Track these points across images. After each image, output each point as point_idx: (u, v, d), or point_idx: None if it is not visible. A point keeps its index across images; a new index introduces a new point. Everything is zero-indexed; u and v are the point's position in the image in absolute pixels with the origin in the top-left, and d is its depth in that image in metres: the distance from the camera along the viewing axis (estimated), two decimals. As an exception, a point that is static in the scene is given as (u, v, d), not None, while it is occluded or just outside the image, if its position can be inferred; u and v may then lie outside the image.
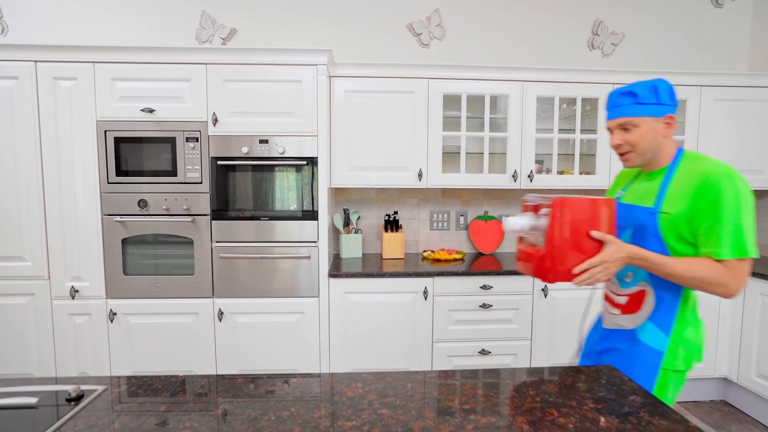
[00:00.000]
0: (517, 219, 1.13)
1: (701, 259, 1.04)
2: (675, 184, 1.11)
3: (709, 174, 1.04)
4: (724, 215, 1.01)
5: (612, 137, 1.19)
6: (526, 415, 0.83)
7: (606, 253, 1.06)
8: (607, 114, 1.20)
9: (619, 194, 1.29)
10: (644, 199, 1.18)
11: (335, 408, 0.85)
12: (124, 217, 2.15)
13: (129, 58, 2.09)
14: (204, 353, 2.22)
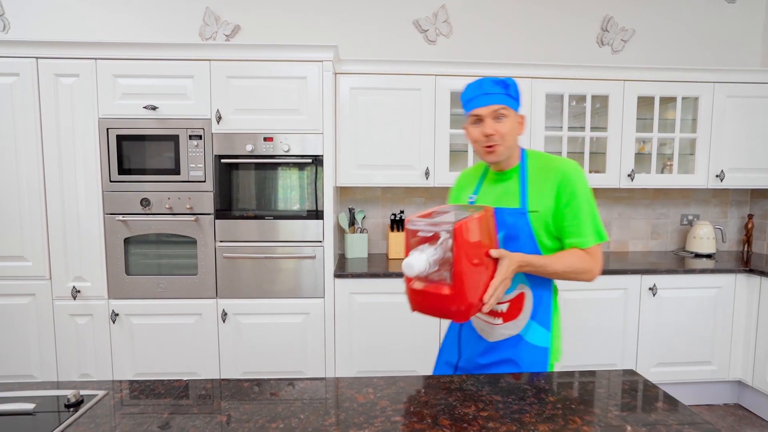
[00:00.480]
0: (418, 259, 0.90)
1: (571, 252, 1.11)
2: (532, 182, 1.14)
3: (563, 169, 1.12)
4: (582, 206, 1.10)
5: (483, 125, 1.10)
6: (548, 423, 0.79)
7: (503, 269, 0.99)
8: (475, 101, 1.11)
9: (472, 198, 1.21)
10: (505, 201, 1.15)
11: (347, 415, 0.81)
12: (126, 216, 2.11)
13: (131, 54, 2.06)
14: (207, 355, 2.18)
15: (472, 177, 1.29)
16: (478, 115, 1.11)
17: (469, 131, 1.16)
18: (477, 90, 1.11)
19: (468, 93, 1.14)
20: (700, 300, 2.35)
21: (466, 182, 1.29)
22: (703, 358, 2.38)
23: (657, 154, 2.56)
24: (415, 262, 0.89)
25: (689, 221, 2.90)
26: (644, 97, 2.51)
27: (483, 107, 1.10)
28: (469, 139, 1.16)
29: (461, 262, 0.91)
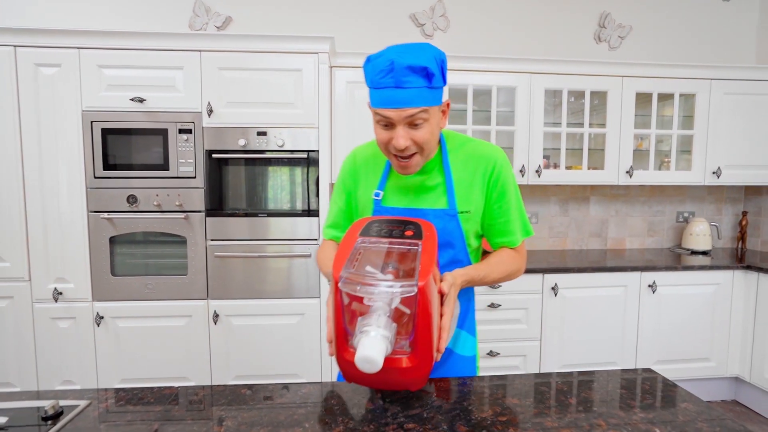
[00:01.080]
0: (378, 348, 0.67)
1: (504, 255, 0.98)
2: (459, 176, 0.95)
3: (491, 159, 0.96)
4: (512, 203, 0.98)
5: (395, 133, 0.84)
6: (570, 428, 0.73)
7: (452, 302, 0.81)
8: (384, 97, 0.81)
9: (378, 194, 0.97)
10: (426, 200, 0.95)
11: (355, 423, 0.74)
12: (111, 213, 2.02)
13: (117, 43, 1.96)
14: (198, 358, 2.10)
15: (373, 163, 1.00)
16: (387, 117, 0.83)
17: (375, 128, 0.88)
18: (386, 77, 0.80)
19: (372, 74, 0.83)
20: (699, 297, 2.33)
21: (366, 169, 1.01)
22: (702, 355, 2.37)
23: (655, 151, 2.54)
24: (377, 356, 0.65)
25: (685, 218, 2.90)
26: (642, 94, 2.49)
27: (394, 110, 0.82)
28: (377, 138, 0.89)
29: (428, 325, 0.71)
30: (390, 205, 0.98)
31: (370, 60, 0.84)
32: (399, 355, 0.73)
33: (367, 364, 0.66)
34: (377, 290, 0.69)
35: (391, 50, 0.82)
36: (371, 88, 0.85)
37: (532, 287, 2.23)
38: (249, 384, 0.89)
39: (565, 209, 2.82)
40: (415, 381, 0.76)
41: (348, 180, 1.04)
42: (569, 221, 2.83)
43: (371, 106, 0.86)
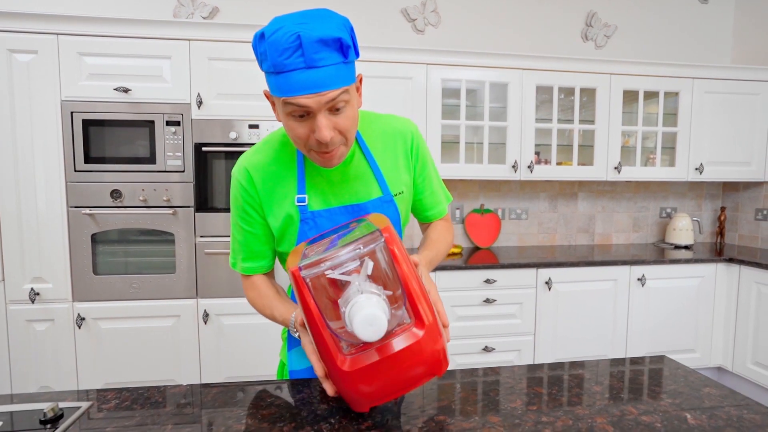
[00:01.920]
0: (376, 306, 0.57)
1: (437, 226, 0.97)
2: (381, 158, 0.86)
3: (404, 134, 0.88)
4: (432, 173, 0.94)
5: (315, 124, 0.69)
6: (602, 415, 0.72)
7: (429, 279, 0.77)
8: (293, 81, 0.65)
9: (302, 199, 0.82)
10: (358, 192, 0.84)
11: (383, 417, 0.71)
12: (93, 209, 1.91)
13: (100, 30, 1.86)
14: (187, 360, 2.01)
15: (279, 167, 0.83)
16: (303, 106, 0.67)
17: (288, 125, 0.72)
18: (293, 56, 0.64)
19: (273, 54, 0.64)
20: (684, 290, 2.40)
21: (275, 176, 0.83)
22: (687, 346, 2.44)
23: (641, 148, 2.60)
24: (378, 311, 0.56)
25: (668, 214, 2.99)
26: (629, 92, 2.55)
27: (311, 96, 0.66)
28: (288, 133, 0.73)
29: (416, 278, 0.63)
30: (320, 208, 0.83)
31: (266, 36, 0.65)
32: (404, 330, 0.62)
33: (371, 326, 0.55)
34: (342, 252, 0.60)
35: (288, 21, 0.64)
36: (273, 73, 0.66)
37: (526, 282, 2.24)
38: (264, 381, 0.85)
39: (554, 205, 2.85)
40: (435, 359, 0.63)
41: (249, 202, 0.83)
42: (558, 217, 2.87)
43: (275, 95, 0.69)
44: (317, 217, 0.83)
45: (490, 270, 2.20)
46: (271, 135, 0.87)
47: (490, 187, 2.77)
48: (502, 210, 2.79)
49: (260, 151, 0.84)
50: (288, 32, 0.63)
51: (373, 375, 0.61)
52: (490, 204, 2.78)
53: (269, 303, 0.85)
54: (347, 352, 0.63)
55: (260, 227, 0.86)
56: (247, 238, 0.87)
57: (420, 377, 0.63)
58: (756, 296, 2.29)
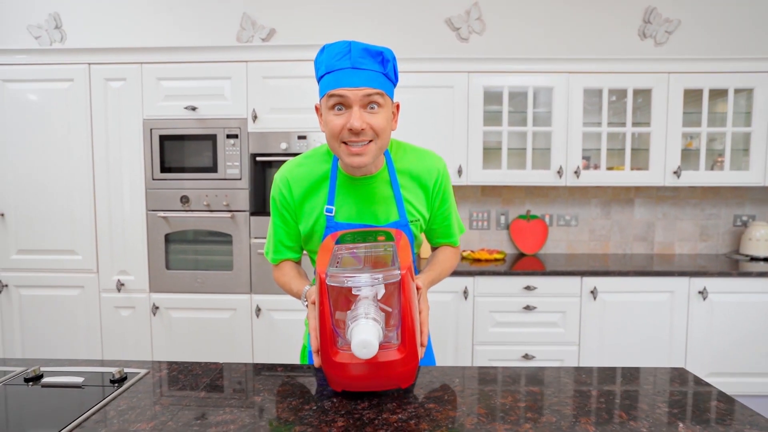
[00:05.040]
0: (372, 331, 0.68)
1: (447, 253, 1.08)
2: (405, 186, 0.97)
3: (431, 171, 0.98)
4: (452, 208, 1.05)
5: (350, 114, 0.82)
6: (589, 416, 0.74)
7: (425, 299, 0.90)
8: (341, 76, 0.80)
9: (329, 210, 0.94)
10: (377, 213, 0.95)
11: (380, 400, 0.79)
12: (167, 212, 2.20)
13: (174, 57, 2.15)
14: (241, 349, 2.23)
15: (315, 179, 0.96)
16: (343, 96, 0.81)
17: (327, 120, 0.84)
18: (343, 59, 0.80)
19: (328, 59, 0.82)
20: (759, 306, 2.17)
21: (309, 187, 0.96)
22: (763, 369, 2.20)
23: (706, 150, 2.41)
24: (373, 338, 0.67)
25: (743, 222, 2.71)
26: (691, 90, 2.37)
27: (351, 89, 0.80)
28: (326, 129, 0.86)
29: (412, 312, 0.75)
30: (343, 221, 0.95)
31: (325, 48, 0.84)
32: (388, 349, 0.76)
33: (364, 349, 0.67)
34: (363, 277, 0.72)
35: (342, 41, 0.84)
36: (325, 74, 0.83)
37: (569, 290, 2.18)
38: (279, 363, 0.97)
39: (607, 212, 2.72)
40: (405, 375, 0.78)
41: (285, 206, 0.97)
42: (611, 224, 2.73)
43: (323, 95, 0.84)
44: (340, 228, 0.95)
45: (530, 276, 2.18)
46: (313, 151, 1.01)
47: (536, 192, 2.72)
48: (550, 216, 2.72)
49: (302, 165, 0.98)
50: (341, 43, 0.82)
51: (353, 372, 0.76)
52: (536, 210, 2.73)
53: (289, 280, 1.02)
54: (340, 346, 0.76)
55: (292, 228, 1.01)
56: (281, 236, 1.03)
57: (388, 385, 0.79)
58: None
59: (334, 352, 0.75)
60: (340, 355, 0.75)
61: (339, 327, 0.75)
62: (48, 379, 0.85)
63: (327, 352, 0.75)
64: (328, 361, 0.76)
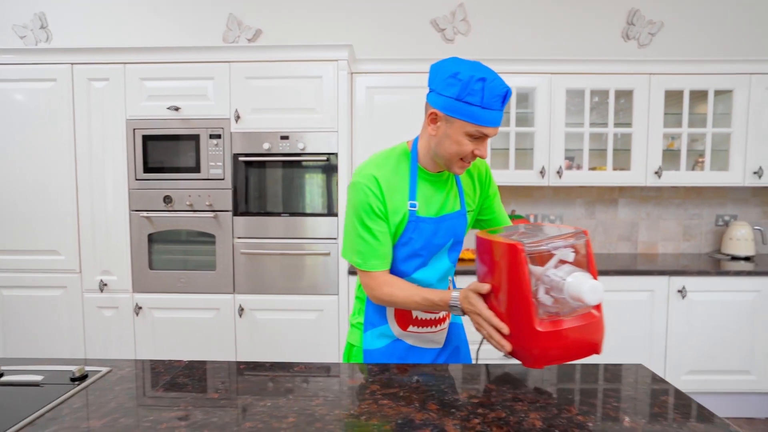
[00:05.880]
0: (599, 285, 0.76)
1: None
2: (462, 179, 1.10)
3: (480, 167, 1.12)
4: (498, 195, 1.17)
5: (482, 146, 0.95)
6: (540, 412, 0.75)
7: None
8: (492, 117, 0.90)
9: (413, 205, 1.01)
10: (450, 204, 1.07)
11: (335, 396, 0.80)
12: (150, 212, 2.21)
13: (157, 58, 2.16)
14: (224, 349, 2.23)
15: (397, 175, 1.03)
16: (486, 134, 0.93)
17: (459, 141, 0.93)
18: (498, 102, 0.90)
19: (488, 95, 0.88)
20: (736, 304, 2.20)
21: (392, 182, 1.01)
22: (741, 367, 2.22)
23: (687, 151, 2.43)
24: (601, 286, 0.74)
25: (725, 222, 2.73)
26: (672, 92, 2.40)
27: (495, 129, 0.93)
28: (451, 150, 0.94)
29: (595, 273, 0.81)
30: (423, 215, 1.03)
31: (486, 80, 0.87)
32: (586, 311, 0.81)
33: (595, 294, 0.73)
34: (558, 241, 0.79)
35: (497, 76, 0.90)
36: (479, 107, 0.89)
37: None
38: (247, 361, 0.97)
39: (592, 212, 2.74)
40: (600, 339, 0.82)
41: (378, 205, 0.99)
42: (596, 224, 2.75)
43: (471, 122, 0.90)
44: (420, 221, 1.02)
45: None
46: (385, 153, 1.06)
47: (521, 192, 2.73)
48: (535, 216, 2.74)
49: (383, 165, 1.03)
50: (502, 86, 0.89)
51: (558, 338, 0.78)
52: (521, 210, 2.74)
53: (416, 292, 1.00)
54: (542, 318, 0.79)
55: (387, 227, 1.02)
56: (378, 238, 1.01)
57: (589, 350, 0.82)
58: (824, 315, 2.04)
59: (539, 322, 0.78)
60: (546, 324, 0.78)
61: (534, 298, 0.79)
62: (6, 378, 0.86)
63: (531, 325, 0.78)
64: (530, 336, 0.78)
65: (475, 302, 0.90)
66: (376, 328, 1.09)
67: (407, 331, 1.09)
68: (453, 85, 0.89)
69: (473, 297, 0.90)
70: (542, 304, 0.78)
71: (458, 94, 0.89)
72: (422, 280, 1.06)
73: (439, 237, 1.05)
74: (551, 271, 0.78)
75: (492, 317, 0.86)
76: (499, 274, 0.83)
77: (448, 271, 1.12)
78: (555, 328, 0.77)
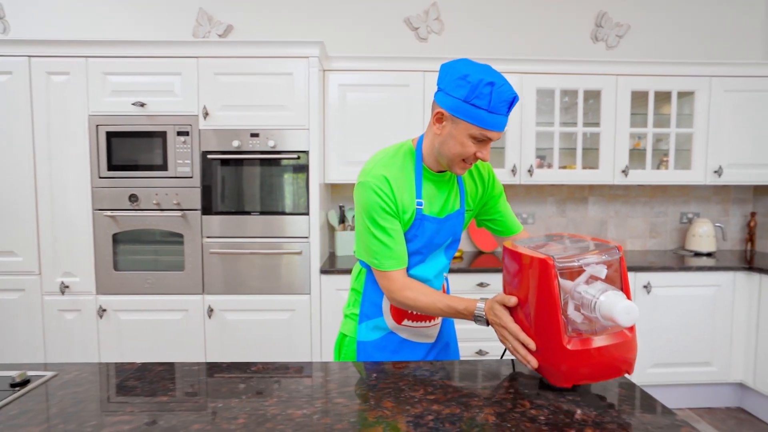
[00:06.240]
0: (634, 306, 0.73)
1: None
2: (464, 179, 1.11)
3: (483, 167, 1.12)
4: (503, 195, 1.17)
5: (484, 148, 0.95)
6: (494, 407, 0.76)
7: None
8: (498, 122, 0.91)
9: (420, 204, 1.02)
10: (448, 204, 1.08)
11: (289, 396, 0.79)
12: (115, 211, 2.13)
13: (121, 52, 2.09)
14: (193, 351, 2.18)
15: (404, 174, 1.03)
16: (490, 138, 0.93)
17: (463, 142, 0.93)
18: (505, 107, 0.90)
19: (496, 99, 0.89)
20: (698, 299, 2.27)
21: (400, 181, 1.02)
22: (702, 359, 2.30)
23: (653, 150, 2.50)
24: (636, 307, 0.71)
25: (689, 219, 2.83)
26: (638, 92, 2.46)
27: (499, 133, 0.93)
28: (454, 150, 0.95)
29: (629, 294, 0.78)
30: (428, 213, 1.05)
31: (495, 84, 0.88)
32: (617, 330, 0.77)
33: (629, 315, 0.69)
34: (591, 257, 0.75)
35: (506, 82, 0.90)
36: (485, 110, 0.89)
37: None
38: (200, 362, 0.95)
39: (563, 210, 2.80)
40: (632, 359, 0.78)
41: (389, 204, 0.99)
42: (567, 222, 2.80)
43: (477, 125, 0.91)
44: (425, 220, 1.04)
45: (483, 274, 2.21)
46: (391, 151, 1.05)
47: (494, 191, 2.76)
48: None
49: (390, 164, 1.03)
50: (510, 92, 0.90)
51: (589, 357, 0.75)
52: (494, 208, 2.77)
53: (440, 299, 0.99)
54: (571, 335, 0.76)
55: (399, 226, 1.02)
56: (392, 236, 1.00)
57: (619, 370, 0.78)
58: (778, 308, 2.13)
59: (568, 340, 0.75)
60: (576, 342, 0.75)
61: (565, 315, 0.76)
62: (-59, 384, 0.81)
63: (560, 342, 0.74)
64: (561, 352, 0.75)
65: (501, 314, 0.88)
66: (371, 320, 1.11)
67: (401, 325, 1.10)
68: (462, 86, 0.89)
69: (499, 309, 0.89)
70: (571, 321, 0.76)
71: (466, 96, 0.89)
72: (419, 276, 1.08)
73: (440, 236, 1.07)
74: (582, 288, 0.75)
75: (518, 331, 0.84)
76: (527, 288, 0.79)
77: (444, 269, 1.14)
78: (585, 347, 0.74)
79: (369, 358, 1.09)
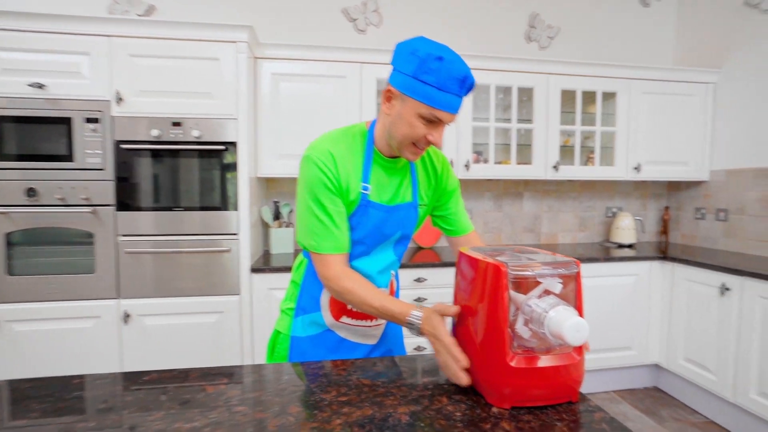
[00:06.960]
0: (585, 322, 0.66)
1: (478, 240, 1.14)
2: (418, 171, 1.04)
3: (441, 161, 1.08)
4: (458, 192, 1.13)
5: (437, 131, 0.88)
6: (410, 406, 0.71)
7: None
8: (450, 102, 0.84)
9: (366, 189, 0.95)
10: (398, 194, 1.00)
11: (182, 407, 0.69)
12: (8, 207, 1.87)
13: (13, 24, 1.83)
14: (107, 362, 1.97)
15: (351, 154, 0.95)
16: (441, 118, 0.86)
17: (411, 122, 0.86)
18: (457, 86, 0.83)
19: (446, 76, 0.82)
20: (620, 287, 2.42)
21: (346, 160, 0.94)
22: (624, 344, 2.45)
23: (581, 147, 2.63)
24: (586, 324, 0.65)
25: (613, 213, 3.01)
26: (568, 92, 2.57)
27: (453, 114, 0.87)
28: (403, 131, 0.88)
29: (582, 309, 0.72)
30: (374, 200, 0.97)
31: (444, 59, 0.81)
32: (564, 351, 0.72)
33: (578, 333, 0.64)
34: (546, 269, 0.71)
35: (455, 56, 0.84)
36: (434, 87, 0.82)
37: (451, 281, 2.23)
38: (78, 375, 0.82)
39: (499, 205, 2.87)
40: (578, 383, 0.73)
41: (332, 181, 0.92)
42: (503, 217, 2.88)
43: (420, 100, 0.84)
44: (370, 206, 0.96)
45: (420, 269, 2.20)
46: (342, 130, 0.98)
47: (434, 186, 2.77)
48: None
49: (338, 141, 0.95)
50: (462, 70, 0.82)
51: (531, 376, 0.69)
52: (434, 204, 2.78)
53: (376, 296, 0.90)
54: (515, 351, 0.70)
55: (341, 208, 0.94)
56: (332, 216, 0.93)
57: (562, 396, 0.72)
58: (687, 294, 2.31)
59: (511, 357, 0.69)
60: (522, 359, 0.69)
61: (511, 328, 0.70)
62: None
63: (503, 358, 0.68)
64: (503, 369, 0.69)
65: (437, 325, 0.81)
66: (307, 314, 1.03)
67: (339, 322, 1.02)
68: (410, 62, 0.83)
69: (436, 319, 0.81)
70: (518, 336, 0.70)
71: (414, 72, 0.83)
72: (362, 271, 0.99)
73: (388, 227, 0.99)
74: (533, 301, 0.70)
75: (452, 345, 0.77)
76: (477, 297, 0.74)
77: (391, 265, 1.06)
78: (529, 365, 0.69)
79: (302, 356, 1.01)
